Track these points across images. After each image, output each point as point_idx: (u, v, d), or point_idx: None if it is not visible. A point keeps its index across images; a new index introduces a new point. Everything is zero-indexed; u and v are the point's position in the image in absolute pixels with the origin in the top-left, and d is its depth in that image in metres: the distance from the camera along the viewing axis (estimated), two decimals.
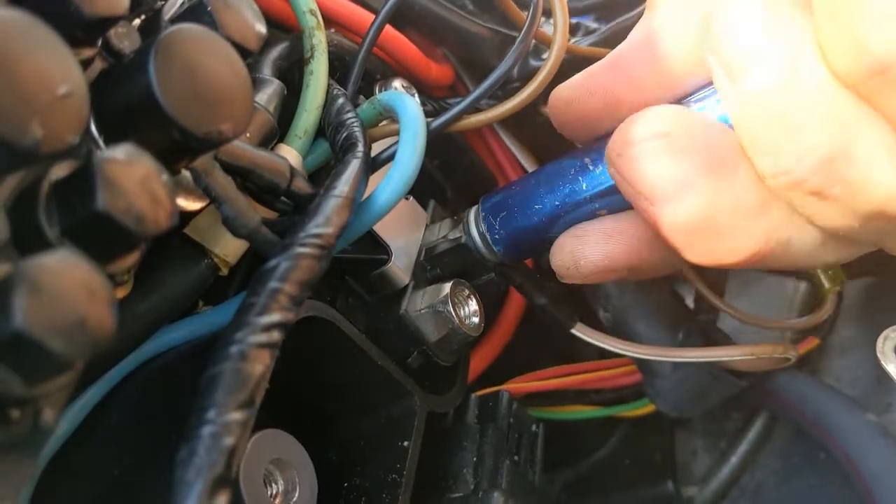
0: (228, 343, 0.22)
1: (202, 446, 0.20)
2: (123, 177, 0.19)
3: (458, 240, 0.35)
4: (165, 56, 0.21)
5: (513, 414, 0.37)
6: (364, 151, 0.30)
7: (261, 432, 0.29)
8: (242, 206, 0.26)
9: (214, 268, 0.29)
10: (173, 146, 0.22)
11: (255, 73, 0.32)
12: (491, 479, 0.34)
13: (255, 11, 0.28)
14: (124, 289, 0.25)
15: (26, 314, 0.16)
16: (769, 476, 0.45)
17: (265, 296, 0.23)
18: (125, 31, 0.25)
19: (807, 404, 0.41)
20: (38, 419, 0.19)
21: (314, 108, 0.32)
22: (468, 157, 0.45)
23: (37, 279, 0.16)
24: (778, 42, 0.25)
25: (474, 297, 0.35)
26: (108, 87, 0.22)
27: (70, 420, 0.27)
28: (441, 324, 0.34)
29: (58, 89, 0.17)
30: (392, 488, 0.31)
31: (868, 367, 0.44)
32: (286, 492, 0.29)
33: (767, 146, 0.26)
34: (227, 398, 0.21)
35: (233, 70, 0.23)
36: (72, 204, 0.19)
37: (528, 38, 0.34)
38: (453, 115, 0.33)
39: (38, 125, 0.17)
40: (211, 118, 0.22)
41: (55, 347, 0.16)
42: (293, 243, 0.25)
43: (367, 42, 0.36)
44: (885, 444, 0.37)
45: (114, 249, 0.20)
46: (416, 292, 0.35)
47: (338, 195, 0.27)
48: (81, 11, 0.21)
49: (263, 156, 0.28)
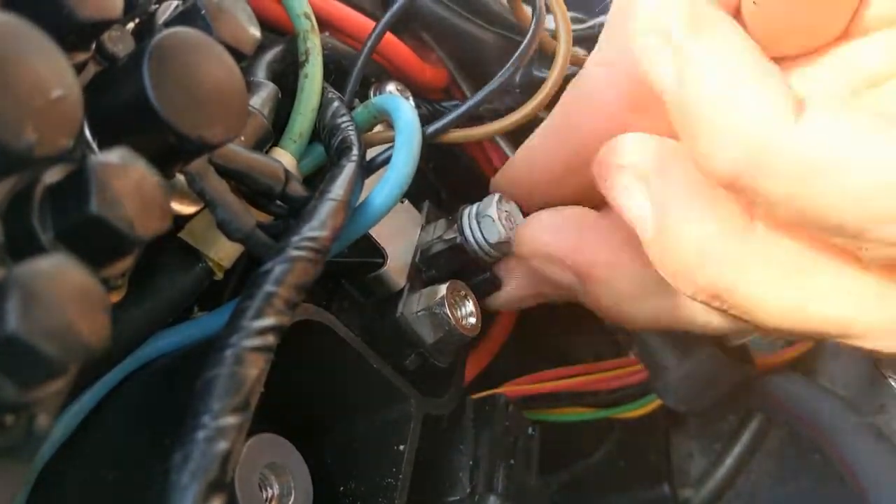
0: (223, 347, 0.22)
1: (197, 451, 0.20)
2: (117, 181, 0.19)
3: (454, 240, 0.35)
4: (159, 60, 0.21)
5: (509, 417, 0.37)
6: (359, 155, 0.30)
7: (256, 436, 0.28)
8: (237, 210, 0.26)
9: (209, 272, 0.29)
10: (167, 150, 0.22)
11: (250, 76, 0.32)
12: (487, 482, 0.34)
13: (250, 14, 0.28)
14: (118, 293, 0.25)
15: (20, 319, 0.16)
16: (764, 478, 0.45)
17: (260, 299, 0.23)
18: (119, 35, 0.25)
19: (801, 406, 0.41)
20: (33, 425, 0.19)
21: (309, 112, 0.32)
22: (463, 159, 0.45)
23: (30, 284, 0.16)
24: (652, 202, 0.27)
25: (471, 297, 0.35)
26: (101, 90, 0.22)
27: (65, 425, 0.26)
28: (438, 325, 0.34)
29: (51, 93, 0.17)
30: (388, 492, 0.31)
31: (861, 368, 0.44)
32: (281, 496, 0.29)
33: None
34: (221, 402, 0.21)
35: (227, 73, 0.23)
36: (65, 208, 0.19)
37: (531, 45, 0.34)
38: (451, 121, 0.33)
39: (31, 129, 0.17)
40: (205, 121, 0.22)
41: (49, 352, 0.16)
42: (288, 247, 0.24)
43: (367, 48, 0.35)
44: (880, 445, 0.37)
45: (108, 254, 0.20)
46: (412, 294, 0.35)
47: (333, 198, 0.27)
48: (75, 15, 0.21)
49: (258, 159, 0.28)
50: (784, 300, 0.26)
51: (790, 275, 0.26)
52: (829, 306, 0.25)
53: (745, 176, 0.24)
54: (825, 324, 0.26)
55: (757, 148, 0.23)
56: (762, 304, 0.26)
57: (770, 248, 0.26)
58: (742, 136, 0.23)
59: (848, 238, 0.24)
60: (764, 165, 0.23)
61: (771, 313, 0.26)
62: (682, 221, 0.26)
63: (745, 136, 0.23)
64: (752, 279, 0.26)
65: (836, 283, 0.25)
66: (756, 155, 0.23)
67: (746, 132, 0.23)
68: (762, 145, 0.23)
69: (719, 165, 0.24)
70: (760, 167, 0.23)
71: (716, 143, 0.24)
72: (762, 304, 0.26)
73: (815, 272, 0.25)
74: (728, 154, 0.24)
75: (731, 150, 0.24)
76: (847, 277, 0.25)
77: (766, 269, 0.26)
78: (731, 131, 0.24)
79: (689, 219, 0.26)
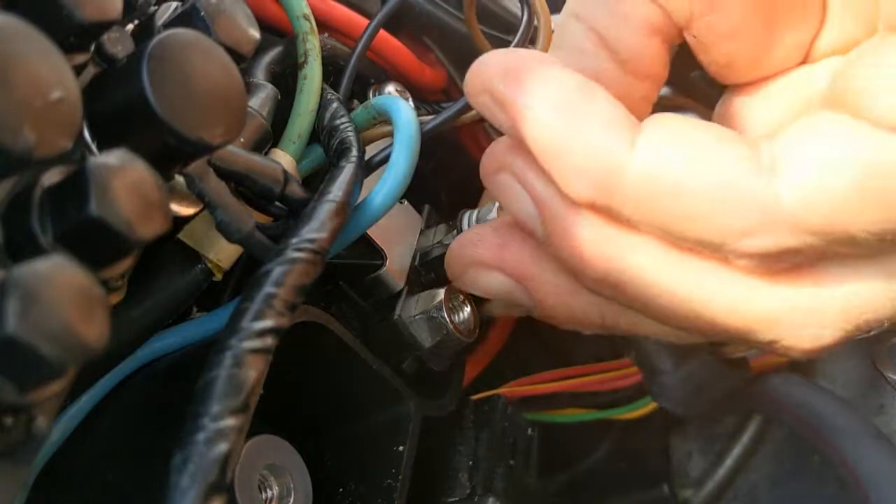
0: (222, 349, 0.22)
1: (196, 452, 0.20)
2: (117, 182, 0.19)
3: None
4: (159, 61, 0.21)
5: (508, 418, 0.37)
6: (358, 156, 0.30)
7: (255, 438, 0.28)
8: (236, 211, 0.26)
9: (208, 273, 0.29)
10: (167, 151, 0.22)
11: (249, 77, 0.32)
12: (486, 483, 0.34)
13: (249, 16, 0.28)
14: (118, 294, 0.25)
15: (19, 320, 0.16)
16: (763, 479, 0.45)
17: (259, 301, 0.23)
18: (118, 36, 0.25)
19: (801, 406, 0.41)
20: (32, 426, 0.19)
21: (308, 113, 0.32)
22: (463, 160, 0.45)
23: (29, 285, 0.16)
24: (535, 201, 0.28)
25: (469, 302, 0.35)
26: (101, 92, 0.22)
27: (64, 427, 0.26)
28: (435, 330, 0.34)
29: (51, 94, 0.17)
30: (387, 493, 0.31)
31: (862, 368, 0.44)
32: (281, 497, 0.29)
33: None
34: (221, 404, 0.21)
35: (226, 74, 0.23)
36: (65, 210, 0.19)
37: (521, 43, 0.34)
38: (447, 118, 0.33)
39: (30, 130, 0.17)
40: (204, 123, 0.22)
41: (48, 353, 0.16)
42: (287, 248, 0.24)
43: (361, 45, 0.36)
44: (880, 445, 0.37)
45: (107, 255, 0.20)
46: (411, 298, 0.35)
47: (332, 200, 0.27)
48: (74, 16, 0.21)
49: (257, 160, 0.28)
50: (672, 297, 0.26)
51: (672, 268, 0.26)
52: (715, 300, 0.26)
53: (599, 200, 0.25)
54: (718, 317, 0.26)
55: (600, 177, 0.25)
56: (653, 301, 0.27)
57: (649, 245, 0.26)
58: (584, 169, 0.25)
59: (714, 249, 0.25)
60: (611, 191, 0.25)
61: (664, 308, 0.27)
62: (567, 220, 0.27)
63: (585, 168, 0.25)
64: (635, 274, 0.26)
65: (716, 278, 0.26)
66: (602, 183, 0.25)
67: (586, 165, 0.25)
68: (604, 174, 0.25)
69: (574, 194, 0.26)
70: (609, 192, 0.25)
71: (564, 177, 0.25)
72: (652, 299, 0.27)
73: (694, 268, 0.26)
74: (577, 186, 0.25)
75: (578, 183, 0.25)
76: (724, 274, 0.26)
77: (649, 261, 0.26)
78: (573, 167, 0.25)
79: (575, 219, 0.27)
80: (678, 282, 0.26)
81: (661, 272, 0.26)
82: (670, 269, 0.26)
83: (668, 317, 0.27)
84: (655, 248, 0.26)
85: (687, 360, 0.41)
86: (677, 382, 0.42)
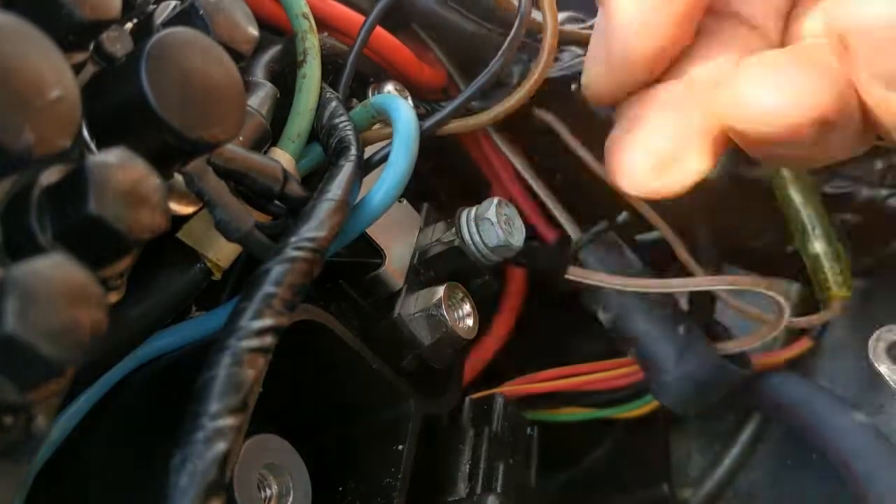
0: (221, 348, 0.22)
1: (195, 452, 0.20)
2: (116, 181, 0.19)
3: (452, 242, 0.35)
4: (157, 59, 0.21)
5: (508, 417, 0.37)
6: (357, 155, 0.30)
7: (254, 437, 0.28)
8: (235, 210, 0.26)
9: (207, 272, 0.29)
10: (166, 150, 0.22)
11: (248, 76, 0.32)
12: (486, 482, 0.34)
13: (248, 15, 0.28)
14: (117, 293, 0.25)
15: (18, 319, 0.16)
16: (763, 477, 0.45)
17: (258, 300, 0.23)
18: (117, 35, 0.25)
19: (800, 405, 0.41)
20: (31, 425, 0.19)
21: (307, 112, 0.32)
22: (462, 159, 0.45)
23: (28, 284, 0.16)
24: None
25: (468, 300, 0.35)
26: (100, 90, 0.22)
27: (63, 426, 0.26)
28: (435, 327, 0.34)
29: (50, 93, 0.17)
30: (387, 492, 0.31)
31: (860, 368, 0.44)
32: (280, 496, 0.29)
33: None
34: (220, 403, 0.21)
35: (225, 73, 0.23)
36: (64, 208, 0.19)
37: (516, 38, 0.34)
38: (446, 115, 0.33)
39: (29, 129, 0.17)
40: (203, 122, 0.22)
41: (47, 352, 0.16)
42: (286, 247, 0.24)
43: (358, 42, 0.36)
44: (879, 444, 0.37)
45: (106, 254, 0.20)
46: (410, 296, 0.35)
47: (331, 199, 0.27)
48: (73, 15, 0.21)
49: (256, 159, 0.28)
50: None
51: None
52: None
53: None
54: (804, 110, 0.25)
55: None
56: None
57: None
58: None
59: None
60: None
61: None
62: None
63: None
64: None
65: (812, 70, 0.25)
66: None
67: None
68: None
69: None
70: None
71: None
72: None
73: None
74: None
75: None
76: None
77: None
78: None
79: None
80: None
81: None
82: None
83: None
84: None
85: (687, 359, 0.41)
86: (678, 381, 0.42)
